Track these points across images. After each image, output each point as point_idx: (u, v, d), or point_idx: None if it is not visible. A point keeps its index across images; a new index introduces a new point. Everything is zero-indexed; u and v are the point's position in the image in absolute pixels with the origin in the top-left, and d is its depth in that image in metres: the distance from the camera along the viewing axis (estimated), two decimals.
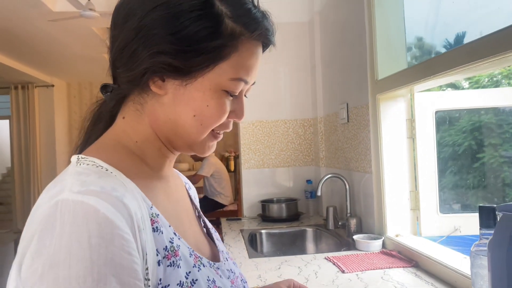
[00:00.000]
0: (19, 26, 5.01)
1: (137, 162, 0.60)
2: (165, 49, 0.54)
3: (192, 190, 0.80)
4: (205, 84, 0.56)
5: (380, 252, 1.66)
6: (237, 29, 0.56)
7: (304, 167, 2.68)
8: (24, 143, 7.79)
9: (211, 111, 0.57)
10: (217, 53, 0.55)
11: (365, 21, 1.82)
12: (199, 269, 0.57)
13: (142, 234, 0.49)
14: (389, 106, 1.75)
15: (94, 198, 0.46)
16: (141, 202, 0.52)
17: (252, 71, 0.59)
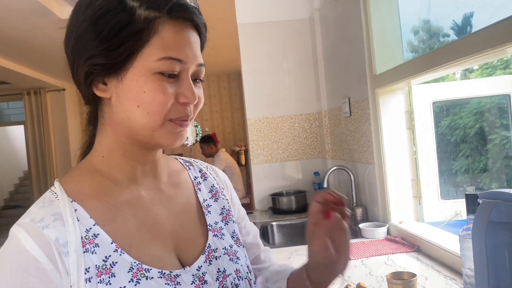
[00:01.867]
0: (30, 34, 5.15)
1: (99, 181, 0.65)
2: (93, 53, 0.59)
3: (207, 182, 0.79)
4: (135, 72, 0.59)
5: (385, 239, 1.75)
6: (149, 14, 0.59)
7: (311, 160, 2.77)
8: (39, 147, 7.98)
9: (149, 96, 0.59)
10: (136, 40, 0.58)
11: (361, 18, 1.90)
12: (137, 282, 0.59)
13: (63, 257, 0.56)
14: (388, 99, 1.83)
15: (21, 231, 0.57)
16: (72, 226, 0.58)
17: (181, 49, 0.60)
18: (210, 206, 0.76)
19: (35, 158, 7.98)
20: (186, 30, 0.61)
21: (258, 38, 2.76)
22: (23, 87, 7.85)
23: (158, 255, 0.63)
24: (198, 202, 0.75)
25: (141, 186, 0.68)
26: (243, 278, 0.71)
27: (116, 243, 0.60)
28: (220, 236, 0.73)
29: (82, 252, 0.57)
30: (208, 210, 0.75)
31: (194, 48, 0.62)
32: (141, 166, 0.68)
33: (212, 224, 0.73)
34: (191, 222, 0.72)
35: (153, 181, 0.70)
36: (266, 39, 2.76)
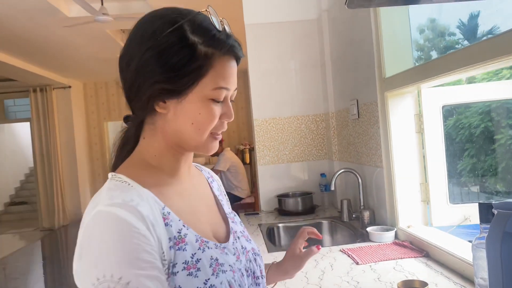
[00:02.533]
0: (37, 32, 5.16)
1: (155, 173, 0.77)
2: (159, 79, 0.71)
3: (215, 182, 0.97)
4: (194, 97, 0.72)
5: (393, 243, 1.74)
6: (208, 51, 0.71)
7: (318, 161, 2.76)
8: (45, 144, 8.01)
9: (203, 117, 0.73)
10: (197, 73, 0.71)
11: (371, 20, 1.88)
12: (203, 250, 0.73)
13: (156, 228, 0.67)
14: (397, 102, 1.82)
15: (117, 209, 0.66)
16: (153, 205, 0.70)
17: (229, 80, 0.74)
18: (221, 200, 0.93)
19: (41, 155, 8.02)
20: (232, 62, 0.75)
21: (266, 38, 2.75)
22: (30, 84, 7.89)
23: (207, 233, 0.78)
24: (215, 196, 0.92)
25: (184, 180, 0.82)
26: (257, 255, 0.87)
27: (182, 221, 0.73)
28: (235, 223, 0.89)
29: (164, 225, 0.70)
30: (222, 203, 0.92)
31: (235, 77, 0.77)
32: (184, 165, 0.82)
33: (228, 213, 0.90)
34: (215, 211, 0.88)
35: (190, 177, 0.85)
36: (273, 39, 2.75)
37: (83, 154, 8.78)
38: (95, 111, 8.98)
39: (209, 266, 0.72)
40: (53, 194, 7.99)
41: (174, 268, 0.68)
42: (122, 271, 0.62)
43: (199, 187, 0.88)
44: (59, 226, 7.95)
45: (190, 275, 0.69)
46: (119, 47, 5.32)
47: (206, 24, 0.73)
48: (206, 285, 0.70)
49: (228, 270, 0.75)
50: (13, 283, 4.90)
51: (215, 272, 0.72)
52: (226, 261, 0.76)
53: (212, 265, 0.73)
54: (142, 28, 0.75)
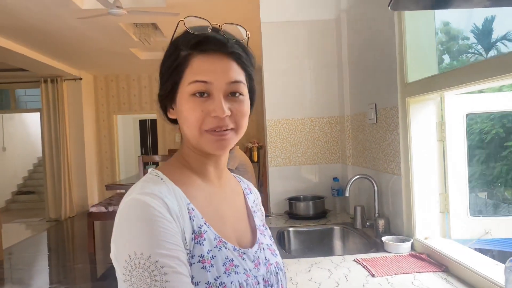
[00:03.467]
0: (50, 23, 5.14)
1: (186, 174, 0.84)
2: (160, 89, 0.83)
3: (252, 195, 1.00)
4: (180, 97, 0.79)
5: (409, 255, 1.68)
6: (185, 52, 0.78)
7: (330, 165, 2.70)
8: (54, 134, 8.02)
9: (185, 114, 0.78)
10: (176, 73, 0.79)
11: (394, 23, 1.81)
12: (219, 249, 0.77)
13: (180, 220, 0.73)
14: (419, 109, 1.75)
15: (146, 197, 0.72)
16: (179, 200, 0.76)
17: (207, 73, 0.77)
18: (255, 212, 0.97)
19: (50, 145, 8.03)
20: (216, 58, 0.78)
21: (281, 37, 2.69)
22: (41, 74, 7.89)
23: (228, 236, 0.82)
24: (248, 207, 0.96)
25: (214, 185, 0.87)
26: (281, 269, 0.90)
27: (205, 218, 0.79)
28: (263, 235, 0.92)
29: (189, 218, 0.76)
30: (254, 214, 0.95)
31: (222, 71, 0.77)
32: (213, 169, 0.86)
33: (258, 225, 0.93)
34: (244, 220, 0.92)
35: (221, 184, 0.89)
36: (289, 39, 2.69)
37: (92, 146, 8.78)
38: (104, 104, 8.97)
39: (222, 265, 0.76)
40: (60, 185, 8.00)
41: (192, 259, 0.74)
42: (151, 250, 0.68)
43: (231, 195, 0.92)
44: (65, 217, 7.96)
45: (203, 268, 0.74)
46: (132, 41, 5.32)
47: (189, 33, 0.79)
48: (216, 281, 0.74)
49: (241, 273, 0.78)
50: (17, 273, 4.90)
51: (227, 271, 0.76)
52: (241, 265, 0.79)
53: (226, 264, 0.77)
54: None
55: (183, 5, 4.64)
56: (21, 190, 10.46)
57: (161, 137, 9.08)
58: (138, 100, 8.96)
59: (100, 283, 4.39)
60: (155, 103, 0.87)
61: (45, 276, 4.90)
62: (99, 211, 5.20)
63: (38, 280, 4.75)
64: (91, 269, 4.93)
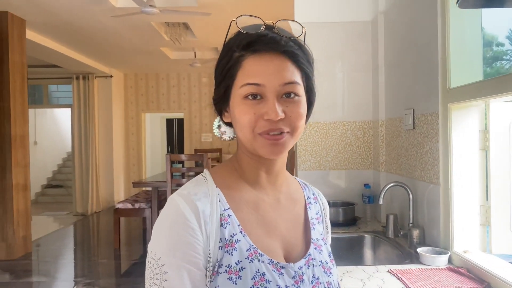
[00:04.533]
0: (84, 21, 5.23)
1: (236, 178, 0.82)
2: (215, 92, 0.81)
3: (316, 205, 0.93)
4: (234, 101, 0.77)
5: (447, 269, 1.60)
6: (237, 54, 0.76)
7: (362, 171, 2.63)
8: (84, 130, 8.18)
9: (238, 117, 0.76)
10: (229, 76, 0.76)
11: (437, 26, 1.74)
12: (251, 261, 0.73)
13: (208, 225, 0.72)
14: (461, 116, 1.67)
15: (180, 198, 0.74)
16: (215, 204, 0.75)
17: (259, 75, 0.74)
18: (314, 224, 0.89)
19: (79, 141, 8.20)
20: (267, 58, 0.74)
21: (316, 38, 2.64)
22: (73, 71, 8.07)
23: (269, 247, 0.78)
24: (307, 217, 0.89)
25: (264, 191, 0.83)
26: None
27: (241, 227, 0.76)
28: (319, 251, 0.85)
29: (219, 225, 0.74)
30: (313, 227, 0.88)
31: (276, 71, 0.74)
32: (265, 175, 0.83)
33: (315, 239, 0.86)
34: (298, 231, 0.86)
35: (274, 190, 0.85)
36: (323, 40, 2.63)
37: (120, 144, 8.92)
38: (134, 102, 9.10)
39: (251, 278, 0.72)
40: (88, 180, 8.15)
41: (220, 268, 0.72)
42: (162, 253, 0.71)
43: (286, 202, 0.87)
44: (91, 212, 8.11)
45: (229, 279, 0.71)
46: (163, 40, 5.37)
47: (241, 33, 0.77)
48: None
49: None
50: (44, 265, 5.00)
51: (255, 286, 0.72)
52: (275, 280, 0.74)
53: (255, 278, 0.72)
54: None
55: (214, 4, 4.65)
56: (50, 183, 10.73)
57: (188, 136, 9.14)
58: (166, 99, 9.05)
59: (124, 279, 4.43)
60: (183, 102, 0.91)
61: (70, 269, 4.98)
62: (125, 208, 5.25)
63: (64, 273, 4.83)
64: (115, 264, 4.98)
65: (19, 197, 5.10)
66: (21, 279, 4.44)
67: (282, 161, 0.84)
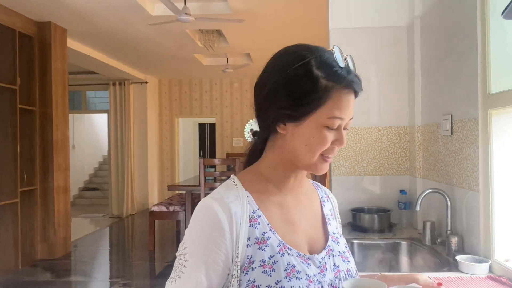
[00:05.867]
0: (122, 29, 5.42)
1: (263, 181, 0.91)
2: (284, 105, 0.83)
3: (329, 203, 1.04)
4: (311, 123, 0.83)
5: (487, 278, 1.57)
6: (329, 85, 0.81)
7: (397, 177, 2.60)
8: (120, 135, 8.42)
9: (316, 141, 0.83)
10: (316, 103, 0.81)
11: (477, 29, 1.72)
12: (282, 255, 0.82)
13: (238, 226, 0.81)
14: (502, 122, 1.63)
15: (214, 202, 0.83)
16: (245, 206, 0.84)
17: (344, 110, 0.83)
18: (330, 220, 1.00)
19: (115, 145, 8.45)
20: (350, 95, 0.84)
21: (350, 44, 2.64)
22: (110, 78, 8.34)
23: (296, 242, 0.88)
24: (323, 213, 1.00)
25: (290, 192, 0.93)
26: (352, 276, 0.92)
27: (271, 225, 0.85)
28: (336, 242, 0.95)
29: (249, 225, 0.83)
30: (329, 222, 0.99)
31: (351, 108, 0.85)
32: (293, 179, 0.92)
33: (331, 232, 0.97)
34: (317, 227, 0.96)
35: (297, 191, 0.95)
36: (358, 45, 2.63)
37: (154, 148, 9.13)
38: (168, 107, 9.30)
39: (283, 270, 0.81)
40: (123, 183, 8.38)
41: (253, 264, 0.80)
42: (189, 244, 0.82)
43: (306, 202, 0.97)
44: (127, 215, 8.32)
45: (264, 272, 0.80)
46: (196, 47, 5.48)
47: (330, 61, 0.83)
48: (277, 285, 0.79)
49: (303, 279, 0.82)
50: (82, 265, 5.17)
51: (288, 276, 0.81)
52: (304, 270, 0.83)
53: (287, 270, 0.81)
54: (277, 60, 0.88)
55: (247, 11, 4.71)
56: (87, 186, 11.08)
57: (219, 141, 9.26)
58: (199, 104, 9.21)
59: (159, 281, 4.52)
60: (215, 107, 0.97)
61: (106, 270, 5.14)
62: (160, 211, 5.37)
63: (100, 273, 4.99)
64: (150, 266, 5.10)
65: (60, 199, 5.31)
66: (61, 278, 4.62)
67: None
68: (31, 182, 5.05)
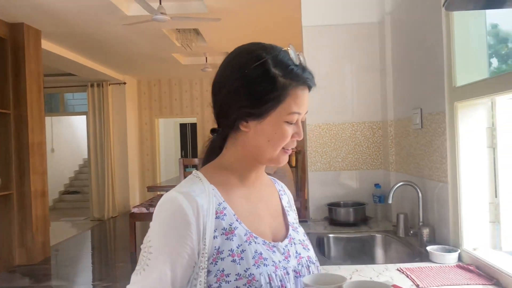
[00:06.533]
0: (97, 30, 5.35)
1: (226, 175, 0.94)
2: (245, 104, 0.87)
3: (286, 196, 1.09)
4: (272, 120, 0.87)
5: (456, 266, 1.61)
6: (286, 82, 0.86)
7: (372, 171, 2.64)
8: (99, 137, 8.32)
9: (278, 136, 0.88)
10: (276, 100, 0.86)
11: (442, 25, 1.75)
12: (249, 243, 0.86)
13: (204, 218, 0.84)
14: (468, 114, 1.68)
15: (180, 195, 0.85)
16: (211, 199, 0.87)
17: (301, 106, 0.89)
18: (288, 211, 1.05)
19: (95, 147, 8.34)
20: (305, 90, 0.90)
21: (323, 41, 2.67)
22: (88, 79, 8.22)
23: (261, 231, 0.92)
24: (282, 205, 1.05)
25: (252, 186, 0.97)
26: (312, 262, 0.97)
27: (237, 216, 0.89)
28: (296, 232, 1.01)
29: (215, 218, 0.86)
30: (288, 213, 1.04)
31: (307, 103, 0.91)
32: (254, 173, 0.97)
33: (291, 222, 1.02)
34: (279, 217, 1.02)
35: (259, 184, 1.00)
36: (331, 42, 2.66)
37: (134, 149, 9.05)
38: (147, 108, 9.23)
39: (252, 258, 0.85)
40: (104, 186, 8.28)
41: (222, 254, 0.84)
42: (153, 237, 0.85)
43: (266, 195, 1.02)
44: (108, 217, 8.23)
45: (233, 261, 0.83)
46: (174, 46, 5.45)
47: (285, 59, 0.88)
48: (246, 272, 0.83)
49: (270, 265, 0.86)
50: (63, 270, 5.10)
51: (256, 264, 0.85)
52: (270, 257, 0.88)
53: (255, 257, 0.85)
54: (234, 60, 0.91)
55: (223, 10, 4.71)
56: (68, 190, 10.91)
57: (201, 140, 9.23)
58: (179, 104, 9.16)
59: None
60: (195, 106, 0.97)
61: (88, 273, 5.08)
62: (140, 212, 5.34)
63: (82, 277, 4.93)
64: (132, 268, 5.01)
65: (38, 203, 5.22)
66: (41, 283, 4.55)
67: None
68: (7, 187, 4.95)
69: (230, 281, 0.82)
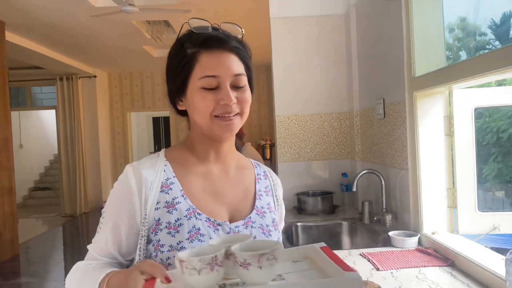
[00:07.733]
0: (64, 21, 5.22)
1: (185, 154, 0.97)
2: (169, 84, 0.94)
3: (266, 181, 1.08)
4: (191, 90, 0.89)
5: (416, 250, 1.67)
6: (193, 51, 0.89)
7: (339, 160, 2.70)
8: (69, 131, 8.13)
9: (199, 103, 0.88)
10: (186, 69, 0.89)
11: (402, 17, 1.80)
12: (189, 219, 0.88)
13: (147, 190, 0.89)
14: (427, 103, 1.74)
15: (129, 168, 0.91)
16: (159, 174, 0.91)
17: (216, 69, 0.87)
18: (262, 196, 1.04)
19: (65, 142, 8.15)
20: (220, 54, 0.88)
21: (291, 33, 2.69)
22: (56, 72, 8.01)
23: (213, 210, 0.93)
24: (255, 190, 1.03)
25: (213, 165, 0.98)
26: None
27: (184, 191, 0.92)
28: (261, 216, 0.99)
29: (159, 191, 0.90)
30: (260, 197, 1.03)
31: (227, 65, 0.88)
32: (213, 152, 0.97)
33: (259, 207, 1.01)
34: (244, 199, 1.00)
35: (223, 164, 1.00)
36: (298, 34, 2.69)
37: (106, 143, 8.90)
38: (119, 101, 9.07)
39: (187, 232, 0.87)
40: (75, 181, 8.12)
41: (160, 225, 0.88)
42: (107, 203, 0.93)
43: (235, 176, 1.02)
44: (80, 213, 8.09)
45: (169, 233, 0.87)
46: (144, 38, 5.36)
47: (192, 32, 0.90)
48: (178, 245, 0.86)
49: (206, 241, 0.87)
50: (34, 267, 5.00)
51: (190, 238, 0.87)
52: (209, 234, 0.89)
53: (191, 232, 0.88)
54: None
55: (194, 2, 4.67)
56: (38, 186, 10.64)
57: (174, 134, 9.15)
58: (151, 97, 9.05)
59: None
60: (167, 99, 0.97)
61: (60, 269, 4.99)
62: None
63: (54, 273, 4.84)
64: None
65: (4, 200, 5.08)
66: (9, 281, 4.45)
67: (230, 143, 0.99)
68: None
69: (164, 252, 0.86)
